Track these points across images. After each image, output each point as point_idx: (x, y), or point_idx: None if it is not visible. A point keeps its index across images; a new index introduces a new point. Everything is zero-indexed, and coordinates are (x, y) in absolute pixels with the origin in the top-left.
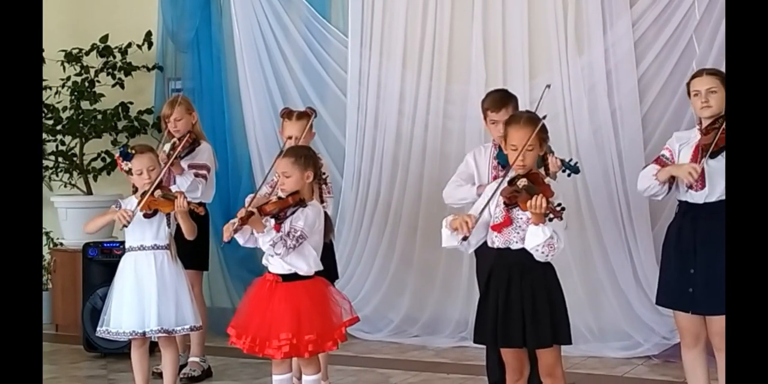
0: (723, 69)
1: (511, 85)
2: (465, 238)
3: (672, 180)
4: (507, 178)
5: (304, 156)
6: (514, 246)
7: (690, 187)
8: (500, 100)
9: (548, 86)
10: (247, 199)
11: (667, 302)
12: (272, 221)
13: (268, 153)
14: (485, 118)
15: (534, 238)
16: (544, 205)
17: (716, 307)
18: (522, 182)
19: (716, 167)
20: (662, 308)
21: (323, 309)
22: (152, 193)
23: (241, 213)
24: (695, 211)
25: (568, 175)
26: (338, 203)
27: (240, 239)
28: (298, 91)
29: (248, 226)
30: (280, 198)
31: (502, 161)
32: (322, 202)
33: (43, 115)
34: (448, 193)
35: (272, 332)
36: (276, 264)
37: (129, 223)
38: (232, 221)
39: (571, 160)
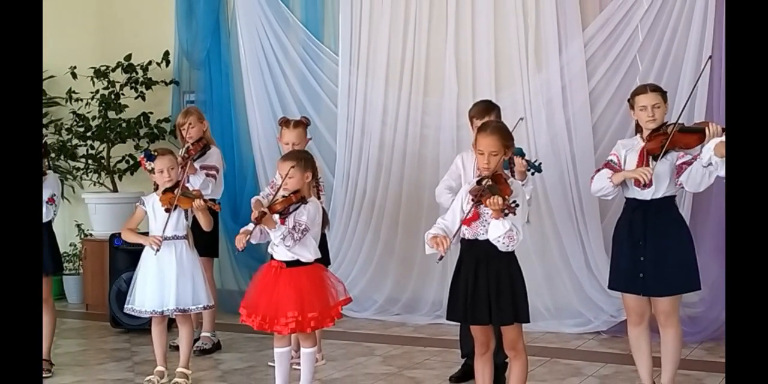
0: (662, 84)
1: (480, 98)
2: (441, 258)
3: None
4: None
5: (304, 159)
6: (481, 237)
7: (642, 185)
8: (485, 109)
9: (521, 119)
10: (252, 200)
11: (619, 286)
12: (276, 216)
13: (270, 156)
14: (472, 125)
15: (495, 230)
16: (501, 202)
17: (663, 289)
18: (487, 182)
19: (661, 168)
20: (610, 290)
21: (322, 290)
22: (173, 191)
23: (255, 215)
24: (644, 206)
25: (532, 174)
26: (330, 200)
27: (253, 241)
28: (296, 103)
29: (261, 225)
30: (284, 197)
31: None
32: (318, 198)
33: (75, 123)
34: (440, 193)
35: (280, 311)
36: (281, 252)
37: (159, 248)
38: (243, 230)
39: (536, 160)
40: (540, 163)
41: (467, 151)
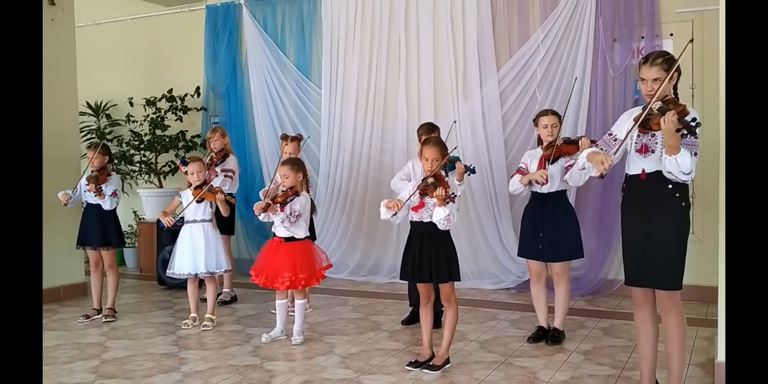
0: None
1: (423, 120)
2: (394, 214)
3: (530, 182)
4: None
5: (297, 164)
6: (425, 220)
7: (538, 183)
8: (430, 128)
9: (455, 122)
10: (261, 192)
11: (524, 254)
12: (278, 205)
13: (272, 162)
14: (420, 139)
15: (438, 214)
16: (444, 193)
17: (556, 256)
18: (431, 180)
19: (554, 170)
20: (518, 258)
21: (310, 258)
22: (202, 188)
23: (262, 204)
24: (543, 197)
25: (469, 175)
26: (315, 193)
27: (262, 219)
28: (290, 123)
29: (268, 212)
30: (283, 191)
31: None
32: (308, 192)
33: (132, 138)
34: (394, 183)
35: (278, 273)
36: (281, 231)
37: (171, 226)
38: (257, 204)
39: (471, 165)
40: (474, 167)
41: (416, 158)
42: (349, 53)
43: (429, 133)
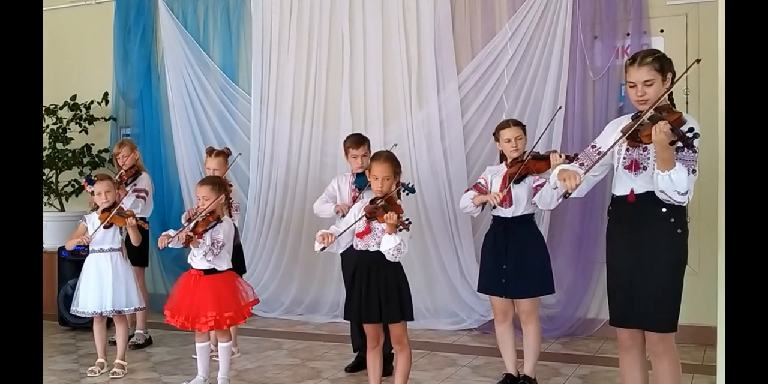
0: (524, 120)
1: (370, 130)
2: (323, 249)
3: (484, 203)
4: (368, 201)
5: (218, 183)
6: (372, 248)
7: (500, 205)
8: (358, 140)
9: (395, 145)
10: (183, 218)
11: (485, 290)
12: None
13: (193, 180)
14: (346, 154)
15: (387, 243)
16: (395, 218)
17: (522, 292)
18: (380, 202)
19: (520, 191)
20: (480, 294)
21: (235, 294)
22: (110, 211)
23: (182, 237)
24: (506, 222)
25: (407, 194)
26: (244, 217)
27: (171, 245)
28: (215, 135)
29: (190, 245)
30: (202, 217)
31: (359, 185)
32: (230, 216)
33: None
34: (317, 207)
35: (200, 311)
36: (199, 262)
37: (88, 243)
38: (164, 234)
39: (409, 183)
40: (413, 185)
41: (341, 176)
42: (283, 53)
43: (357, 146)
